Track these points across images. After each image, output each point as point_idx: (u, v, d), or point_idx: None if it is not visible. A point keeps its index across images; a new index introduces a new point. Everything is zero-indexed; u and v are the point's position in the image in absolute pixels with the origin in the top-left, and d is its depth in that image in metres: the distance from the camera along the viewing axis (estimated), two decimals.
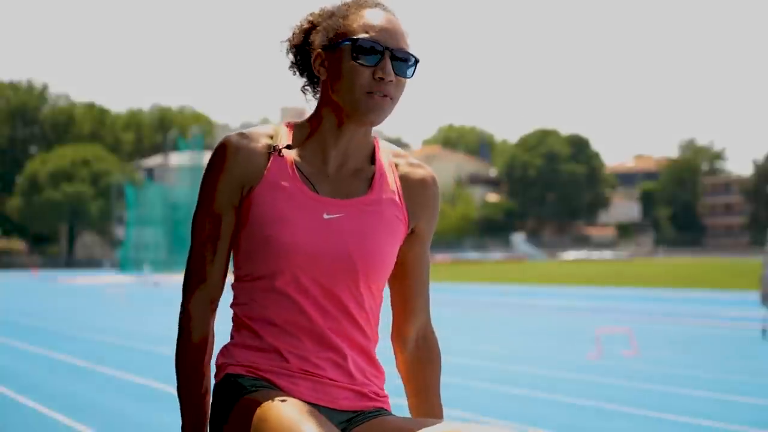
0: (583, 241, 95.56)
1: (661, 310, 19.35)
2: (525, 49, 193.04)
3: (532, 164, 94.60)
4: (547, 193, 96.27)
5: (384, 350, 2.20)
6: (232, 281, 2.12)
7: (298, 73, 2.15)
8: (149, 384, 8.50)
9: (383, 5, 2.05)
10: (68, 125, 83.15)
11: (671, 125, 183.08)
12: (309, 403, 1.98)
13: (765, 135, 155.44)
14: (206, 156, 66.32)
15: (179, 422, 6.63)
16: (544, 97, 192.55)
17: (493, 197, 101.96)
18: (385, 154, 2.13)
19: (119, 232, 70.01)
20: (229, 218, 2.04)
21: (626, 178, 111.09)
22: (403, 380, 2.25)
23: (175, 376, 2.09)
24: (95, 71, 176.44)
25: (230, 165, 2.01)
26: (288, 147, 2.05)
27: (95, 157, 74.04)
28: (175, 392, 7.80)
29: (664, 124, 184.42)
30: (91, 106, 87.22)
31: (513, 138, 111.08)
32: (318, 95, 2.11)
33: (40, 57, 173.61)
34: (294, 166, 2.04)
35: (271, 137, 2.07)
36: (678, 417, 6.80)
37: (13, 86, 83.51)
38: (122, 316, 17.59)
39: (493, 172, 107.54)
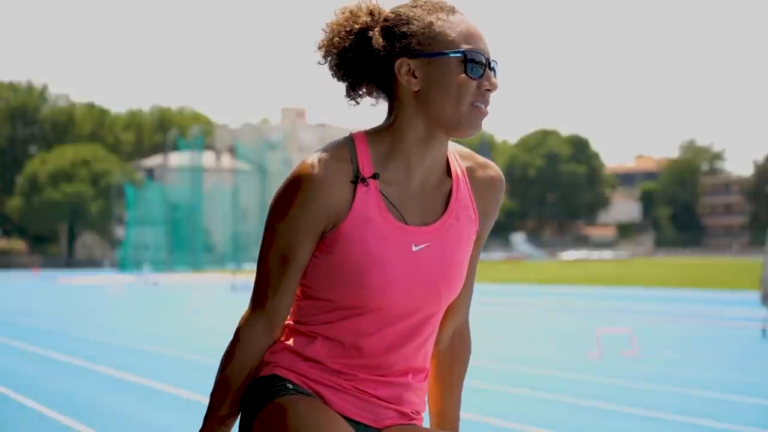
0: (583, 241, 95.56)
1: (661, 310, 19.34)
2: (525, 50, 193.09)
3: (533, 164, 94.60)
4: (547, 193, 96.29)
5: None
6: (301, 298, 2.06)
7: (342, 77, 2.02)
8: (149, 384, 8.49)
9: (459, 9, 2.00)
10: (68, 125, 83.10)
11: (672, 126, 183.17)
12: (349, 419, 2.00)
13: (765, 135, 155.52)
14: (206, 156, 66.35)
15: (180, 422, 6.60)
16: (545, 97, 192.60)
17: None
18: (455, 159, 2.07)
19: (119, 232, 69.97)
20: (304, 254, 1.96)
21: (626, 178, 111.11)
22: (431, 373, 2.22)
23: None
24: (95, 71, 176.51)
25: (313, 204, 1.92)
26: (375, 176, 1.96)
27: (95, 157, 74.01)
28: (176, 392, 7.75)
29: (665, 125, 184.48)
30: (91, 106, 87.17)
31: (513, 138, 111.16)
32: (389, 103, 2.01)
33: (40, 57, 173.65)
34: (380, 194, 1.96)
35: (349, 160, 1.96)
36: (678, 417, 6.80)
37: (13, 86, 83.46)
38: (122, 316, 17.59)
39: None
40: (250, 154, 57.01)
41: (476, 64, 1.93)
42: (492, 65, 1.96)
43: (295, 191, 1.93)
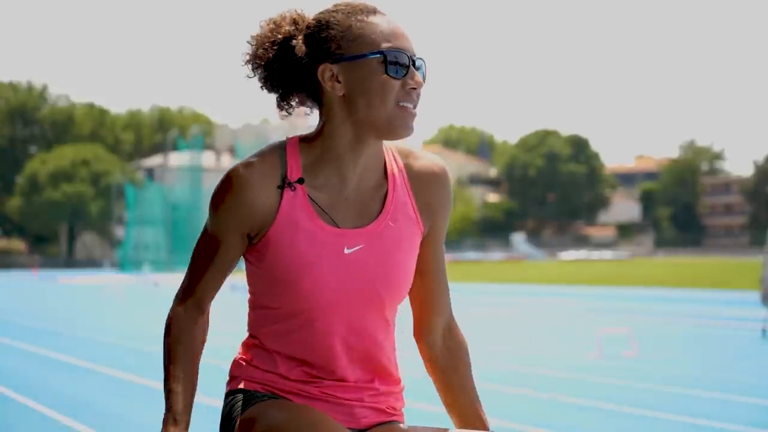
0: (583, 241, 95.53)
1: (661, 310, 19.35)
2: (525, 50, 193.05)
3: (533, 164, 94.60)
4: (547, 193, 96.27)
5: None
6: (249, 307, 2.09)
7: (271, 89, 2.02)
8: (149, 384, 8.50)
9: (380, 10, 1.98)
10: (68, 125, 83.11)
11: (672, 126, 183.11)
12: None
13: (765, 135, 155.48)
14: (206, 156, 66.42)
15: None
16: (545, 97, 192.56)
17: (493, 197, 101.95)
18: (393, 158, 2.06)
19: (119, 232, 70.00)
20: (231, 251, 2.01)
21: (626, 178, 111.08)
22: (433, 379, 2.19)
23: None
24: (95, 71, 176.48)
25: (238, 204, 1.95)
26: (300, 181, 1.96)
27: (95, 157, 74.01)
28: None
29: (665, 125, 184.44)
30: (91, 106, 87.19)
31: (513, 138, 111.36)
32: (318, 110, 2.01)
33: (40, 57, 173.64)
34: (308, 199, 1.96)
35: (278, 165, 1.97)
36: (678, 417, 6.80)
37: (13, 86, 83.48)
38: (122, 316, 17.59)
39: (493, 172, 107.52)
40: (250, 154, 56.97)
41: (398, 65, 1.91)
42: (417, 63, 1.94)
43: (223, 192, 1.97)
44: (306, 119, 2.14)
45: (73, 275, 48.80)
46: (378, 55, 1.90)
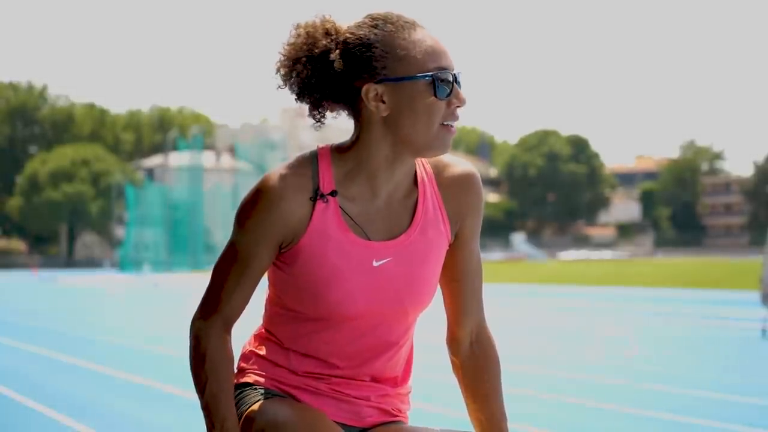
0: (583, 241, 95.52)
1: (661, 310, 19.34)
2: (525, 50, 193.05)
3: (533, 164, 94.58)
4: (547, 193, 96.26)
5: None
6: (268, 303, 2.08)
7: (305, 100, 1.99)
8: (149, 384, 8.49)
9: (419, 23, 1.95)
10: (68, 125, 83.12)
11: (672, 126, 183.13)
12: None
13: (765, 135, 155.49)
14: (206, 156, 66.37)
15: (179, 422, 6.57)
16: (544, 97, 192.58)
17: (493, 197, 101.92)
18: (422, 165, 2.04)
19: (119, 232, 69.99)
20: (260, 264, 1.96)
21: (626, 178, 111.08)
22: (459, 385, 2.18)
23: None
24: (95, 71, 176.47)
25: (271, 216, 1.92)
26: (333, 193, 1.94)
27: (95, 157, 74.02)
28: (176, 392, 7.71)
29: (665, 125, 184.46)
30: (91, 106, 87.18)
31: (513, 138, 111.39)
32: (354, 122, 1.98)
33: (40, 57, 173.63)
34: (340, 211, 1.95)
35: (310, 176, 1.95)
36: (678, 417, 6.80)
37: (13, 86, 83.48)
38: (122, 316, 17.59)
39: (493, 172, 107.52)
40: (250, 154, 57.03)
41: (444, 83, 1.89)
42: (458, 79, 1.92)
43: (253, 204, 1.93)
44: (307, 119, 2.11)
45: (73, 275, 48.78)
46: (427, 78, 1.88)
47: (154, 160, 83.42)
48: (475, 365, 2.13)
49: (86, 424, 6.55)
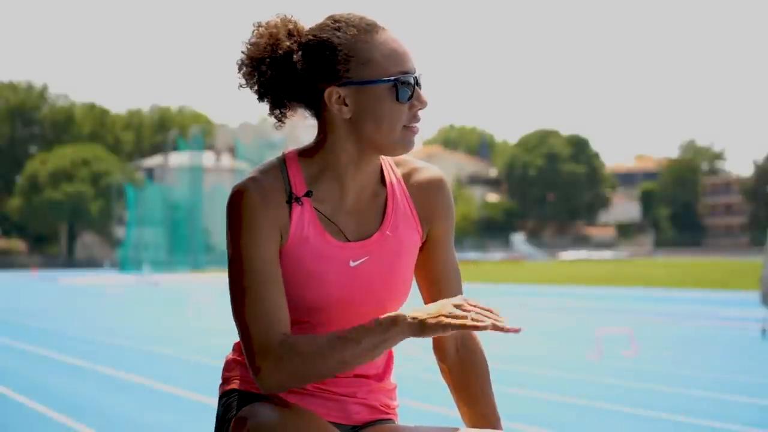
0: (583, 241, 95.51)
1: (661, 310, 19.34)
2: (525, 50, 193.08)
3: (533, 164, 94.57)
4: (547, 193, 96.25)
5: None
6: None
7: (265, 99, 2.02)
8: (149, 384, 8.50)
9: (380, 24, 1.96)
10: (68, 125, 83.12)
11: (672, 126, 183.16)
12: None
13: (765, 135, 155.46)
14: (206, 156, 66.36)
15: (180, 422, 6.57)
16: (545, 97, 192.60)
17: (493, 197, 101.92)
18: (390, 168, 2.06)
19: (119, 232, 70.01)
20: (272, 261, 1.91)
21: (626, 178, 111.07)
22: (450, 390, 2.19)
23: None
24: (95, 71, 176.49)
25: (263, 215, 1.91)
26: (308, 194, 1.95)
27: (95, 157, 74.04)
28: (176, 392, 7.70)
29: (665, 125, 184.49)
30: (91, 106, 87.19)
31: (513, 138, 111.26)
32: (317, 122, 2.00)
33: (40, 57, 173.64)
34: (315, 212, 1.96)
35: (281, 180, 1.95)
36: (678, 417, 6.80)
37: (13, 86, 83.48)
38: (122, 316, 17.59)
39: (493, 172, 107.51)
40: (250, 154, 57.04)
41: (406, 87, 1.90)
42: (419, 82, 1.94)
43: (240, 209, 1.90)
44: (306, 119, 2.11)
45: (73, 275, 48.78)
46: (388, 82, 1.90)
47: (154, 160, 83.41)
48: (463, 369, 2.14)
49: (86, 424, 6.56)
